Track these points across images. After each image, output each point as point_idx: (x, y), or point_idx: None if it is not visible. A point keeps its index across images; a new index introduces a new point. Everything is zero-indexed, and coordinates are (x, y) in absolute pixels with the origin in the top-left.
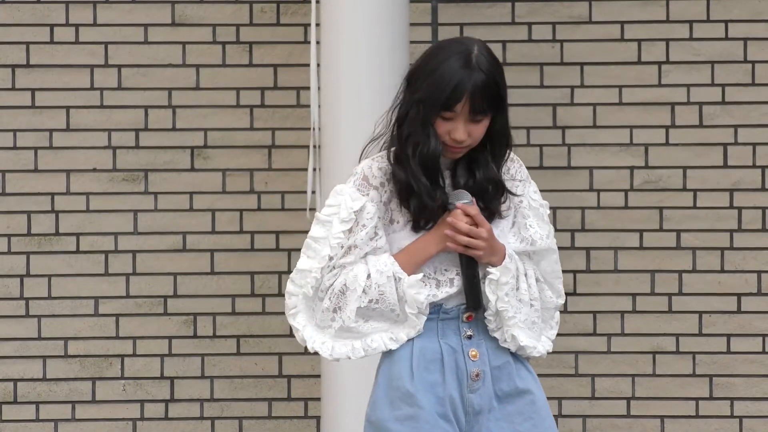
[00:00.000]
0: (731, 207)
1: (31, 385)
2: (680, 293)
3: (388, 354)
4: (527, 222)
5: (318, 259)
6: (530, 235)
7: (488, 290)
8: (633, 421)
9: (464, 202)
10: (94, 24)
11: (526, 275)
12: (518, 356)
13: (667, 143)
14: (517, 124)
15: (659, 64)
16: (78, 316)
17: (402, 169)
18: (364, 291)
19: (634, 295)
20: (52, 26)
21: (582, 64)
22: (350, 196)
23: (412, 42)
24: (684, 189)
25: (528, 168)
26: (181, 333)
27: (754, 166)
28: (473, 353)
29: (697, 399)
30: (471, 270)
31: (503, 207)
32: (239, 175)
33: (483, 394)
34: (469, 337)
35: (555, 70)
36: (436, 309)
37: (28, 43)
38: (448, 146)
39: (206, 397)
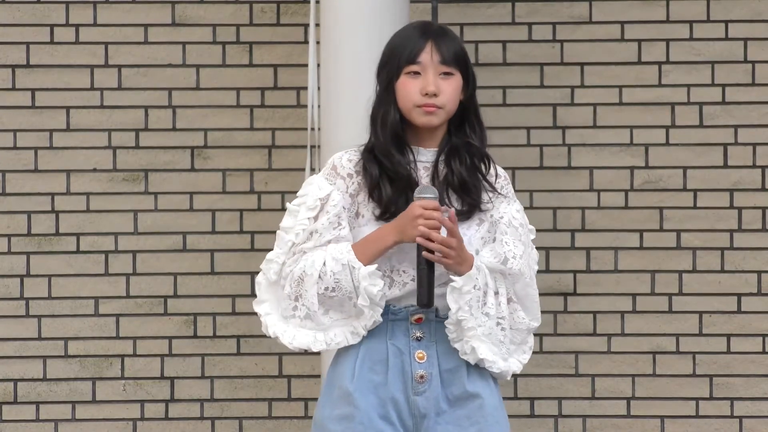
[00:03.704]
0: (731, 207)
1: (31, 385)
2: (680, 293)
3: (336, 353)
4: (504, 239)
5: (284, 248)
6: (504, 252)
7: (450, 299)
8: (633, 421)
9: (426, 196)
10: (94, 24)
11: (497, 293)
12: None
13: (667, 143)
14: (517, 124)
15: (659, 64)
16: (78, 316)
17: (373, 157)
18: (320, 277)
19: (634, 295)
20: (52, 26)
21: (582, 64)
22: (318, 186)
23: None
24: (684, 189)
25: (528, 168)
26: (181, 333)
27: (754, 166)
28: (420, 355)
29: (697, 399)
30: (426, 265)
31: (484, 198)
32: (239, 175)
33: (429, 397)
34: (419, 339)
35: (555, 70)
36: (384, 310)
37: (28, 43)
38: (422, 108)
39: (206, 397)
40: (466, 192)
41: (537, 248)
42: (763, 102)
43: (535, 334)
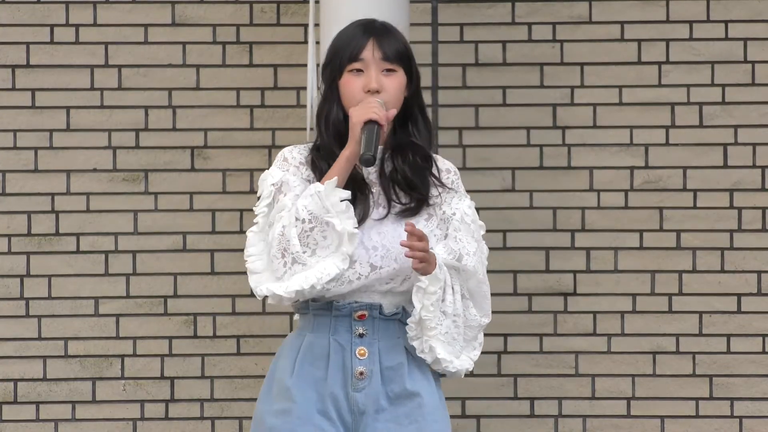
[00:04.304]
0: (731, 207)
1: (31, 385)
2: (680, 293)
3: (279, 349)
4: (457, 235)
5: (257, 244)
6: (458, 249)
7: (414, 298)
8: (633, 421)
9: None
10: (94, 24)
11: (453, 289)
12: (415, 358)
13: (667, 143)
14: (517, 124)
15: (659, 64)
16: (78, 316)
17: (321, 155)
18: (296, 219)
19: (634, 295)
20: (52, 26)
21: (582, 64)
22: (270, 175)
23: (412, 42)
24: (684, 189)
25: (528, 168)
26: (181, 333)
27: (754, 166)
28: (361, 352)
29: (697, 399)
30: (373, 128)
31: (433, 193)
32: (239, 175)
33: (369, 394)
34: (361, 336)
35: (555, 70)
36: (328, 306)
37: (28, 43)
38: None
39: (206, 397)
40: (412, 188)
41: (537, 248)
42: (763, 102)
43: (535, 334)
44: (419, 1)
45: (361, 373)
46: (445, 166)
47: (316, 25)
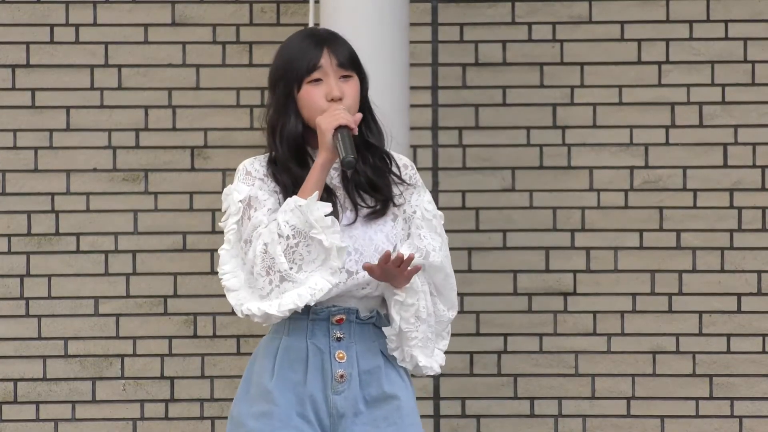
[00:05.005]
0: (731, 207)
1: (31, 385)
2: (680, 293)
3: (255, 352)
4: (420, 233)
5: (228, 260)
6: (424, 246)
7: (393, 311)
8: (633, 421)
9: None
10: (94, 24)
11: (423, 291)
12: (390, 360)
13: (667, 143)
14: (517, 124)
15: (659, 64)
16: (78, 316)
17: (277, 168)
18: (279, 235)
19: (634, 295)
20: (52, 26)
21: (582, 64)
22: (236, 191)
23: (412, 42)
24: (684, 189)
25: (528, 168)
26: (181, 333)
27: (754, 166)
28: (340, 355)
29: (697, 399)
30: (344, 132)
31: (395, 192)
32: None
33: (348, 397)
34: (339, 339)
35: (555, 70)
36: (305, 310)
37: (28, 43)
38: None
39: (206, 397)
40: (375, 190)
41: (537, 248)
42: (763, 102)
43: (535, 334)
44: (419, 0)
45: (342, 376)
46: (402, 161)
47: (316, 24)
